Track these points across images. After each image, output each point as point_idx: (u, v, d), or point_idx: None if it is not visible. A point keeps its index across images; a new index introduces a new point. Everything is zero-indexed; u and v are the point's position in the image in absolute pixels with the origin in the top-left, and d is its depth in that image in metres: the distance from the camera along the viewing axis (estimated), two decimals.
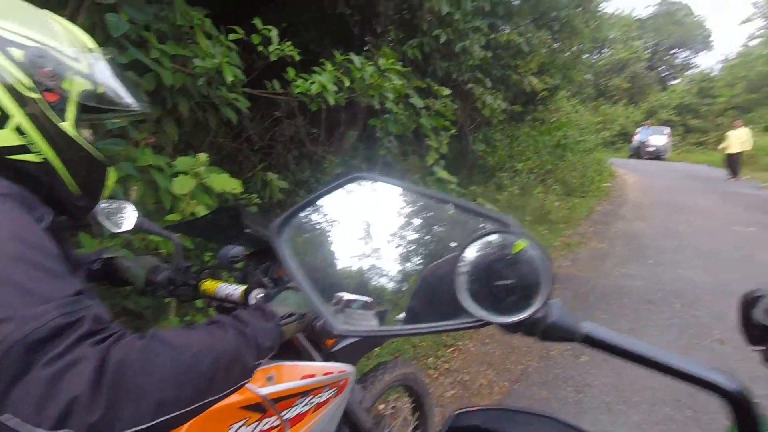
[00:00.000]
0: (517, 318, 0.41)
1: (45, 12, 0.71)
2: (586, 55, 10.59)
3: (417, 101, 3.63)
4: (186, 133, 3.15)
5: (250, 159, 4.22)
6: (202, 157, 1.73)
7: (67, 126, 0.67)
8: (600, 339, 0.44)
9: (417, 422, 1.66)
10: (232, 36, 2.26)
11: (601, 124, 20.36)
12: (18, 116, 0.63)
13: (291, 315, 0.71)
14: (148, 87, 1.96)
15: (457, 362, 2.65)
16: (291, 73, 2.47)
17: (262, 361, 0.63)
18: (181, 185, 1.64)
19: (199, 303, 1.86)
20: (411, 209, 0.61)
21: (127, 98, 0.78)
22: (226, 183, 1.75)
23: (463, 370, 2.56)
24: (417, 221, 0.60)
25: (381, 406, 1.82)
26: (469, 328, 0.44)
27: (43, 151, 0.65)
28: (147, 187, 1.75)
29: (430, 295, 0.54)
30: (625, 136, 21.56)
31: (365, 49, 4.63)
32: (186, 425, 0.75)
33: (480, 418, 0.65)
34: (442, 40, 4.52)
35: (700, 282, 3.92)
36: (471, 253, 0.43)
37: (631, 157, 18.34)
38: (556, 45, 7.63)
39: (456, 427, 0.63)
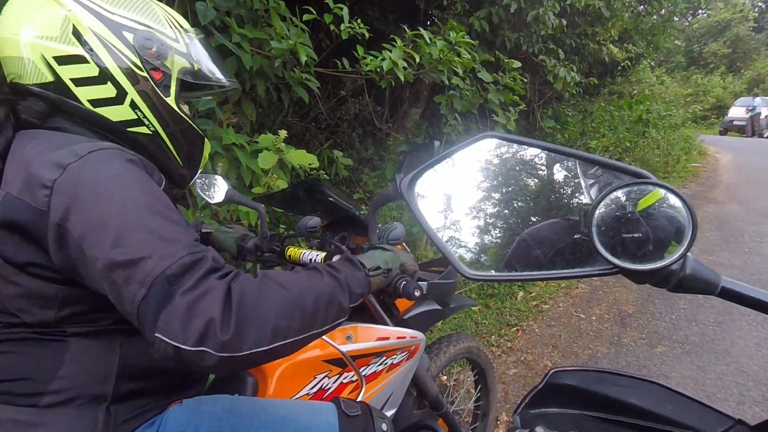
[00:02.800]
0: (655, 266, 0.42)
1: None
2: (677, 18, 9.40)
3: (485, 75, 3.50)
4: (260, 113, 3.34)
5: (317, 137, 4.37)
6: (283, 134, 1.84)
7: (171, 101, 0.76)
8: (739, 292, 0.45)
9: (479, 395, 1.68)
10: (306, 17, 2.32)
11: (692, 97, 18.02)
12: (131, 93, 0.72)
13: (378, 268, 0.75)
14: (231, 70, 2.10)
15: (520, 342, 2.62)
16: (360, 50, 2.50)
17: (354, 305, 0.69)
18: (265, 160, 1.76)
19: (278, 270, 2.02)
20: (535, 166, 0.63)
21: (218, 74, 0.85)
22: (303, 158, 1.86)
23: (526, 350, 2.53)
24: (538, 176, 0.63)
25: (444, 377, 1.88)
26: (601, 275, 0.46)
27: (153, 123, 0.75)
28: (230, 164, 1.90)
29: (543, 245, 0.55)
30: (720, 109, 18.94)
31: (429, 23, 4.52)
32: (280, 369, 0.85)
33: (577, 379, 0.64)
34: (513, 8, 4.25)
35: None
36: (604, 204, 0.44)
37: (722, 133, 16.15)
38: (641, 8, 6.79)
39: (553, 384, 0.63)
